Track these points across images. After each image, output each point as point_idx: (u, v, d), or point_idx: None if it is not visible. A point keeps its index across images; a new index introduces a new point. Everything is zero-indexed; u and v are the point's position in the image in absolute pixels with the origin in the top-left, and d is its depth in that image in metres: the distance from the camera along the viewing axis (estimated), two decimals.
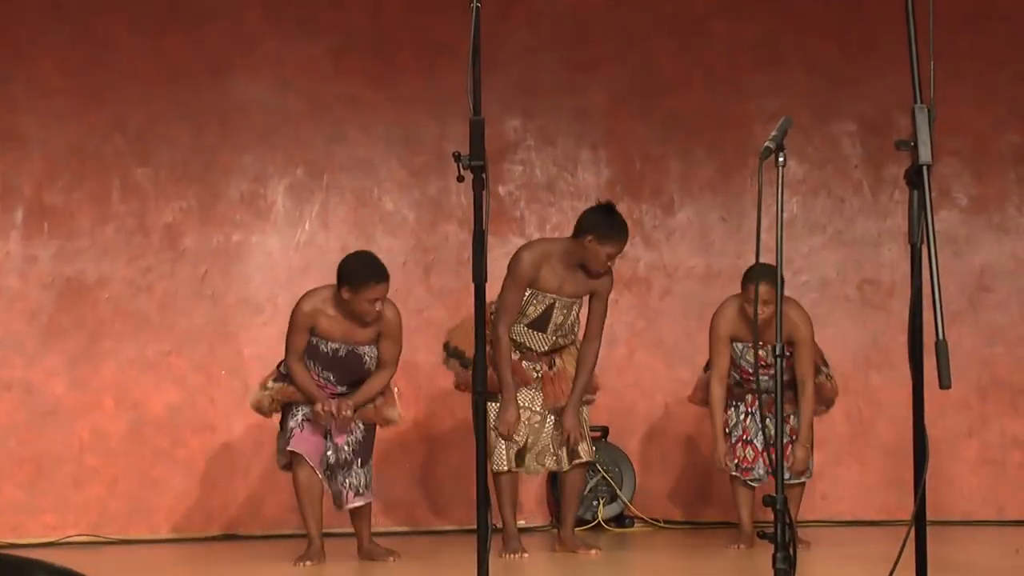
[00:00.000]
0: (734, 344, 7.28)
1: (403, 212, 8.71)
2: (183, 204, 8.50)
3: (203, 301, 8.46)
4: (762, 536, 4.05)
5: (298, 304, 6.97)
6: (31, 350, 8.29)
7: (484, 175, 4.04)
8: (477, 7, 4.16)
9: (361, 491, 6.94)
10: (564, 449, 7.12)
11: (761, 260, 4.24)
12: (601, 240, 6.92)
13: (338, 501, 6.96)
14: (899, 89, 9.60)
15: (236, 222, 8.54)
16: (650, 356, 8.60)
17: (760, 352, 7.25)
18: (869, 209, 8.97)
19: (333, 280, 7.07)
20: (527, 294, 7.05)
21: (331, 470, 6.93)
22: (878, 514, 8.63)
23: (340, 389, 7.01)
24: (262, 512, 8.37)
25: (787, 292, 8.58)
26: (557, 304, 7.07)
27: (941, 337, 3.51)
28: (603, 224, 6.93)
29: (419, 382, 8.39)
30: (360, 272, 6.81)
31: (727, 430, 7.40)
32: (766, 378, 7.27)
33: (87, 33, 8.43)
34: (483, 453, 4.02)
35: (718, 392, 7.31)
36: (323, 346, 6.93)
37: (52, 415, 8.27)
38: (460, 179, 4.10)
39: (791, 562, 3.82)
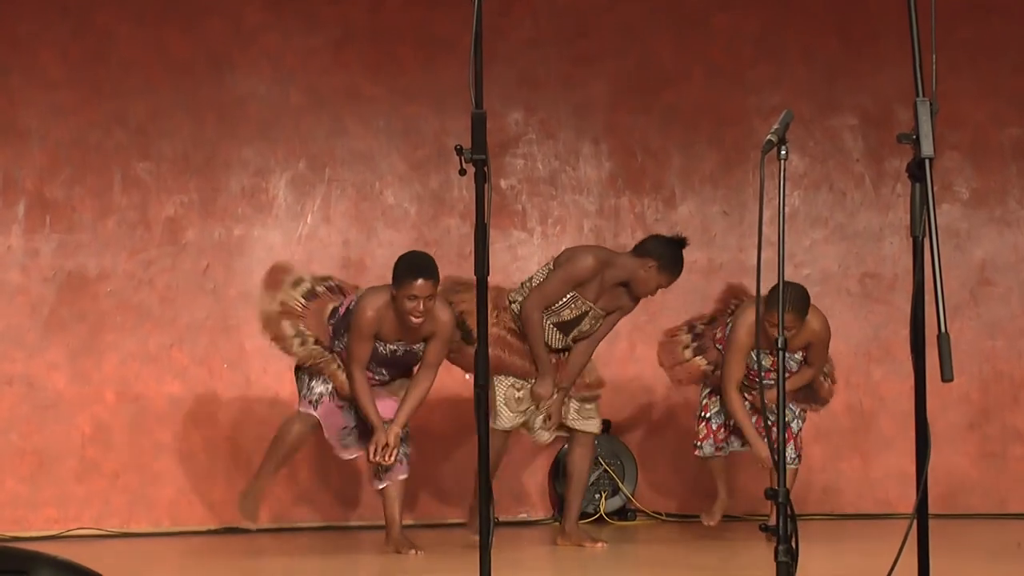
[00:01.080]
0: (749, 353, 7.26)
1: (404, 205, 8.71)
2: (184, 198, 8.50)
3: (204, 295, 8.46)
4: (763, 529, 4.05)
5: (360, 309, 6.86)
6: (32, 343, 8.29)
7: (486, 168, 4.03)
8: (478, 0, 4.15)
9: (388, 472, 6.94)
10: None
11: (762, 254, 4.20)
12: (662, 270, 6.99)
13: (378, 476, 6.97)
14: (900, 82, 9.68)
15: (238, 216, 8.54)
16: (651, 350, 8.59)
17: (775, 355, 7.23)
18: (871, 203, 8.97)
19: (335, 272, 7.10)
20: (568, 296, 7.08)
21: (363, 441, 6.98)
22: (879, 507, 8.64)
23: (387, 379, 7.04)
24: (264, 505, 8.38)
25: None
26: (590, 314, 7.12)
27: (943, 330, 3.51)
28: (670, 256, 7.00)
29: None
30: (402, 270, 6.75)
31: (706, 414, 7.48)
32: (771, 381, 7.27)
33: (88, 27, 8.43)
34: (485, 446, 4.02)
35: (738, 399, 7.28)
36: (381, 347, 6.90)
37: (53, 408, 8.28)
38: (462, 172, 4.10)
39: (793, 555, 3.82)
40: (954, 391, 8.55)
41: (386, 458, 6.78)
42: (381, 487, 6.96)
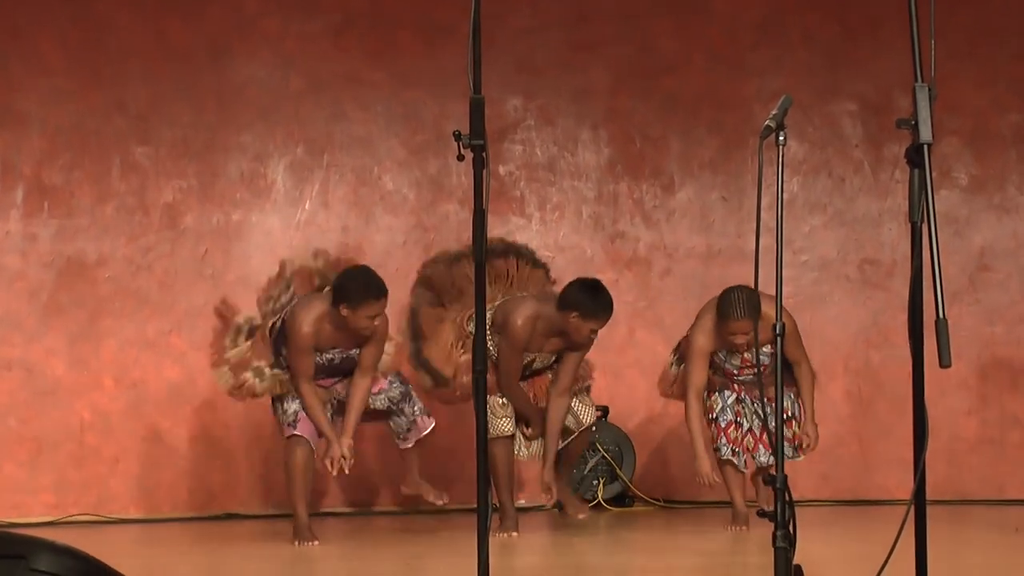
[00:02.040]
0: (716, 354, 7.27)
1: (403, 191, 8.71)
2: (183, 183, 8.49)
3: (203, 280, 8.46)
4: (761, 514, 4.05)
5: (296, 325, 6.85)
6: (31, 329, 8.29)
7: (484, 154, 4.03)
8: None
9: (409, 431, 7.14)
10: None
11: (761, 240, 4.18)
12: (585, 317, 7.06)
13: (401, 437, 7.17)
14: (900, 68, 9.61)
15: (236, 201, 8.53)
16: (650, 336, 8.60)
17: (746, 355, 7.25)
18: (870, 188, 8.97)
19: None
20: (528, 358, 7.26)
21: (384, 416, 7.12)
22: (878, 493, 8.64)
23: (333, 381, 7.04)
24: (263, 492, 8.38)
25: (786, 272, 8.58)
26: (538, 359, 7.30)
27: (942, 316, 3.51)
28: (588, 302, 7.07)
29: None
30: (359, 290, 6.73)
31: (712, 415, 7.37)
32: (749, 376, 7.30)
33: (87, 13, 8.42)
34: (484, 432, 4.03)
35: (696, 407, 7.25)
36: (319, 357, 6.91)
37: (52, 394, 8.28)
38: (460, 158, 4.09)
39: (791, 540, 3.83)
40: (952, 377, 8.54)
41: (345, 470, 6.85)
42: (407, 447, 7.18)
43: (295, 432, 6.90)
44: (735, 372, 7.31)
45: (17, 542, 3.22)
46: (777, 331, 4.14)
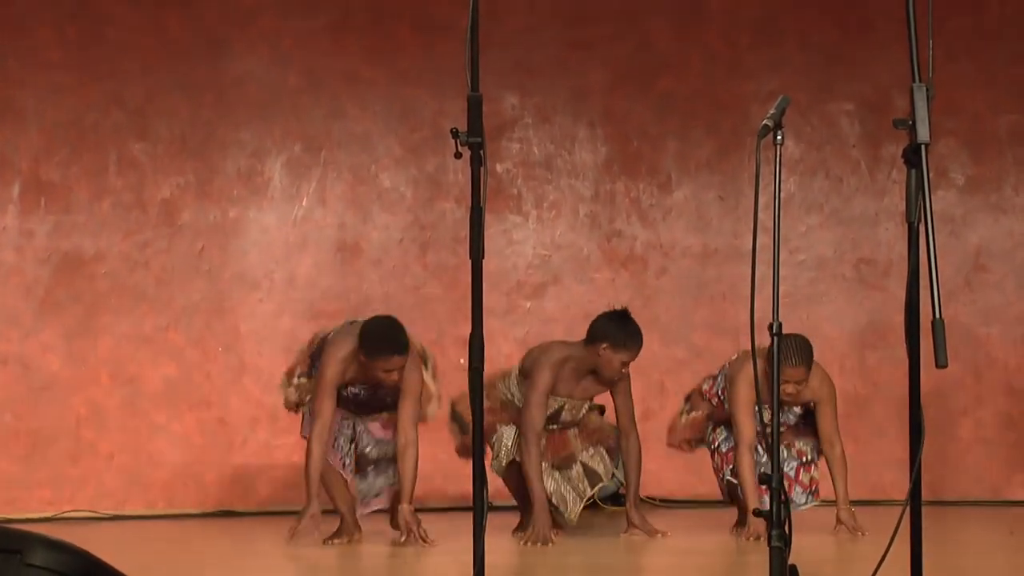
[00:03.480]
0: (760, 407, 6.91)
1: (400, 189, 8.71)
2: (180, 179, 8.49)
3: (200, 276, 8.45)
4: (757, 513, 4.05)
5: (326, 361, 6.78)
6: (27, 324, 8.29)
7: (482, 151, 4.02)
8: None
9: (376, 496, 7.00)
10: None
11: (758, 240, 4.15)
12: (616, 348, 6.88)
13: (364, 501, 6.96)
14: (897, 68, 9.62)
15: (233, 198, 8.53)
16: (646, 334, 8.55)
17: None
18: (866, 188, 8.97)
19: (330, 255, 7.11)
20: (556, 403, 7.06)
21: (364, 464, 6.95)
22: (873, 493, 8.63)
23: (358, 413, 6.98)
24: (257, 489, 8.38)
25: (783, 271, 8.57)
26: (566, 407, 7.10)
27: (938, 316, 3.51)
28: (617, 332, 6.89)
29: None
30: (375, 343, 6.67)
31: (715, 445, 7.23)
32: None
33: (85, 7, 8.41)
34: (480, 429, 4.03)
35: (749, 461, 6.93)
36: (345, 390, 6.85)
37: (48, 390, 8.27)
38: (458, 156, 4.07)
39: (786, 540, 3.83)
40: (948, 377, 8.54)
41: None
42: (366, 512, 6.99)
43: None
44: (758, 428, 7.02)
45: (12, 537, 3.22)
46: (774, 330, 4.13)
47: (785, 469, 7.12)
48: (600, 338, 6.89)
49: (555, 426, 7.13)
